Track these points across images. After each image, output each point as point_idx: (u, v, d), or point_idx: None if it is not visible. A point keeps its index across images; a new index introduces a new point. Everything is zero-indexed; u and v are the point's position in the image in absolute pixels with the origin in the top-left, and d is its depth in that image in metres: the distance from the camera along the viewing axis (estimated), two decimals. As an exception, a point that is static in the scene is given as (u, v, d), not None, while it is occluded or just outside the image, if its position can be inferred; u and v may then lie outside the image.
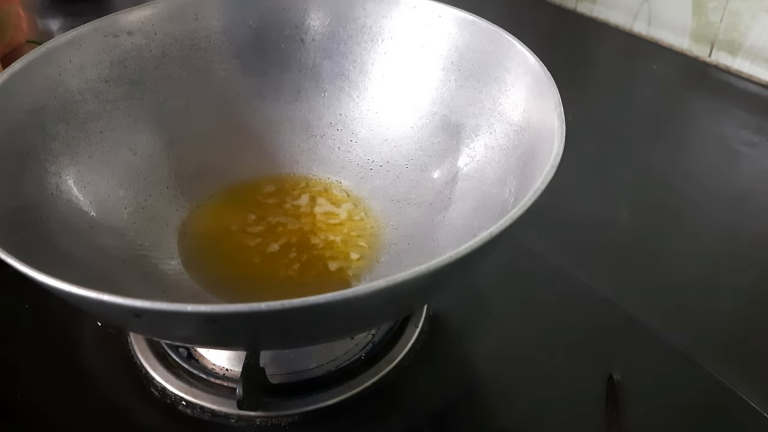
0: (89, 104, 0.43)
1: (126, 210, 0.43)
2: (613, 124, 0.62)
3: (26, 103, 0.39)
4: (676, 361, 0.41)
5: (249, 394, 0.35)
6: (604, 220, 0.51)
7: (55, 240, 0.37)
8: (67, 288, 0.27)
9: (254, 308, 0.25)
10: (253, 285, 0.42)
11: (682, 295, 0.45)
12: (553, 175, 0.31)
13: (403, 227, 0.44)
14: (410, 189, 0.46)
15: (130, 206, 0.43)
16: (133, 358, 0.40)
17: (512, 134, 0.41)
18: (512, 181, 0.39)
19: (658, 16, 0.73)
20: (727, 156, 0.58)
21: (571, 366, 0.40)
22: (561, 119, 0.35)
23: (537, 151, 0.36)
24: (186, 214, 0.46)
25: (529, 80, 0.40)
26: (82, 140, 0.42)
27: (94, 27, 0.43)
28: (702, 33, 0.69)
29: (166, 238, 0.44)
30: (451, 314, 0.43)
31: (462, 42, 0.45)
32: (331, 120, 0.49)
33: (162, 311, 0.27)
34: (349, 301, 0.26)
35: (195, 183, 0.47)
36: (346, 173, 0.49)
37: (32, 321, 0.43)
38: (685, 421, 0.38)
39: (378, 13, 0.47)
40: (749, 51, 0.66)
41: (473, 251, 0.28)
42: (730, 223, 0.51)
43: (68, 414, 0.38)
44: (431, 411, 0.39)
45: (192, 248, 0.44)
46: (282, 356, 0.39)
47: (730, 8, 0.66)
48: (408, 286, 0.27)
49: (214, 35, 0.48)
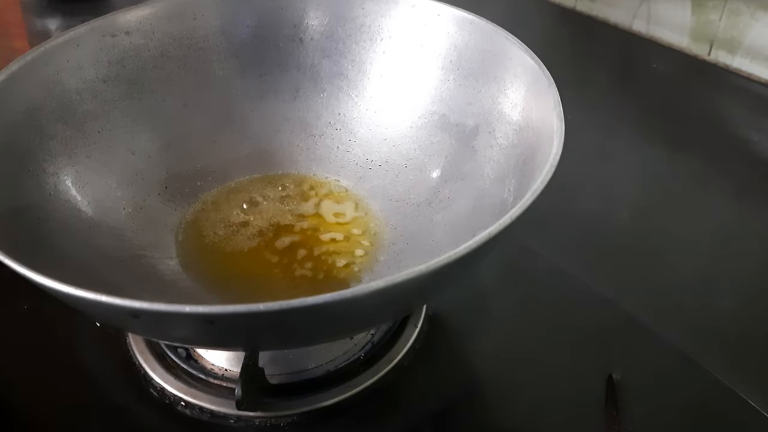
0: (87, 104, 0.43)
1: (124, 210, 0.43)
2: (612, 123, 0.62)
3: (24, 102, 0.39)
4: (675, 361, 0.40)
5: (248, 394, 0.35)
6: (604, 220, 0.51)
7: (53, 240, 0.37)
8: (64, 289, 0.27)
9: (252, 309, 0.25)
10: (252, 285, 0.42)
11: (681, 294, 0.45)
12: (553, 174, 0.31)
13: (402, 227, 0.44)
14: (409, 188, 0.46)
15: (128, 206, 0.43)
16: (131, 359, 0.40)
17: (511, 133, 0.41)
18: (511, 180, 0.39)
19: (658, 14, 0.73)
20: (727, 155, 0.58)
21: (571, 366, 0.40)
22: (560, 118, 0.35)
23: (536, 150, 0.36)
24: (184, 214, 0.45)
25: (528, 79, 0.40)
26: (80, 140, 0.42)
27: (92, 27, 0.43)
28: (701, 31, 0.69)
29: (164, 238, 0.44)
30: (450, 314, 0.43)
31: (461, 41, 0.45)
32: (329, 119, 0.49)
33: (160, 312, 0.27)
34: (348, 302, 0.26)
35: (193, 183, 0.47)
36: (345, 173, 0.48)
37: (30, 322, 0.43)
38: (685, 420, 0.38)
39: (377, 12, 0.47)
40: (749, 49, 0.66)
41: (472, 251, 0.28)
42: (730, 222, 0.51)
43: (67, 414, 0.38)
44: (431, 411, 0.38)
45: (190, 248, 0.43)
46: (281, 356, 0.39)
47: (730, 6, 0.66)
48: (407, 286, 0.27)
49: (213, 35, 0.48)
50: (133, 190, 0.44)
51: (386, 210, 0.46)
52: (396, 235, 0.44)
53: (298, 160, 0.49)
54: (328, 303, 0.26)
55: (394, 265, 0.42)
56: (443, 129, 0.46)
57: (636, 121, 0.63)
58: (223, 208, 0.46)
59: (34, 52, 0.40)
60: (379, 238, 0.44)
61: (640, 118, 0.63)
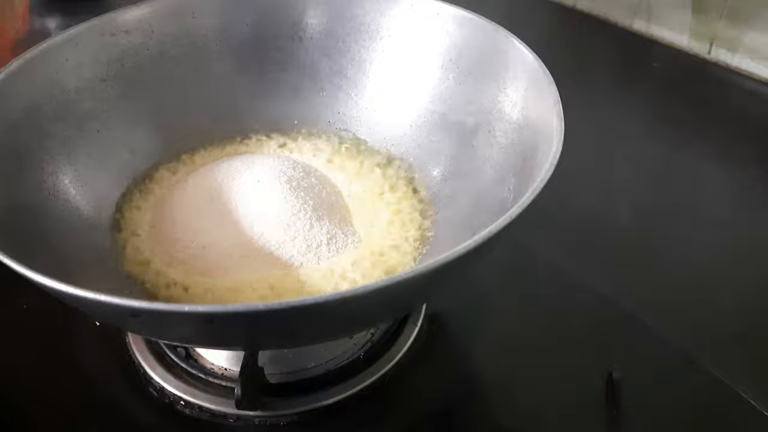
0: (86, 103, 0.43)
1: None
2: (613, 122, 0.62)
3: (23, 102, 0.39)
4: (675, 360, 0.40)
5: (247, 393, 0.35)
6: (604, 219, 0.51)
7: (52, 240, 0.37)
8: (64, 289, 0.27)
9: (252, 308, 0.25)
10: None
11: (681, 293, 0.45)
12: (552, 173, 0.31)
13: (403, 226, 0.44)
14: (409, 187, 0.46)
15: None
16: (131, 358, 0.40)
17: (511, 132, 0.41)
18: (511, 179, 0.39)
19: (658, 13, 0.72)
20: (728, 154, 0.58)
21: (571, 364, 0.40)
22: (560, 117, 0.35)
23: (536, 149, 0.36)
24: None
25: (527, 78, 0.40)
26: (79, 140, 0.42)
27: (91, 26, 0.43)
28: (702, 30, 0.69)
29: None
30: (450, 313, 0.43)
31: (460, 40, 0.45)
32: (329, 118, 0.49)
33: (159, 311, 0.27)
34: (348, 301, 0.26)
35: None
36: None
37: (30, 321, 0.43)
38: (685, 418, 0.38)
39: (376, 11, 0.47)
40: (749, 48, 0.66)
41: (472, 250, 0.28)
42: (730, 221, 0.51)
43: (67, 414, 0.38)
44: (430, 410, 0.38)
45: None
46: (281, 355, 0.39)
47: (730, 5, 0.66)
48: (407, 286, 0.27)
49: (212, 33, 0.48)
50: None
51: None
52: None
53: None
54: (328, 302, 0.26)
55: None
56: (443, 128, 0.46)
57: (636, 120, 0.62)
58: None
59: (33, 51, 0.40)
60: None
61: (640, 117, 0.63)
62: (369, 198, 0.44)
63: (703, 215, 0.52)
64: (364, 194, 0.45)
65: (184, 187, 0.43)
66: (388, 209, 0.43)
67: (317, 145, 0.48)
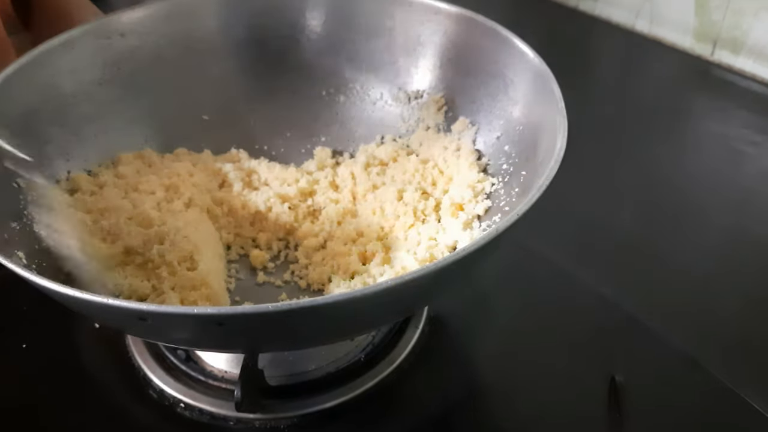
0: (83, 107, 0.43)
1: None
2: (615, 124, 0.62)
3: (19, 106, 0.39)
4: (678, 363, 0.40)
5: (247, 396, 0.34)
6: (606, 221, 0.51)
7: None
8: (70, 293, 0.27)
9: (261, 309, 0.26)
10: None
11: (684, 296, 0.45)
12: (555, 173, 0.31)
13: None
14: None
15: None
16: (131, 360, 0.40)
17: (513, 131, 0.41)
18: (514, 178, 0.39)
19: (661, 14, 0.72)
20: (730, 155, 0.58)
21: (573, 368, 0.40)
22: (563, 116, 0.34)
23: (538, 148, 0.36)
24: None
25: (529, 77, 0.40)
26: (77, 143, 0.42)
27: (87, 29, 0.43)
28: (704, 31, 0.69)
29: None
30: (451, 315, 0.43)
31: (460, 39, 0.44)
32: (328, 120, 0.49)
33: (169, 314, 0.26)
34: (356, 301, 0.26)
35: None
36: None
37: (30, 324, 0.42)
38: (688, 422, 0.37)
39: (374, 11, 0.47)
40: (752, 49, 0.65)
41: (474, 251, 0.28)
42: (732, 223, 0.51)
43: (67, 416, 0.38)
44: (432, 413, 0.38)
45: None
46: (281, 358, 0.39)
47: (733, 6, 0.65)
48: (411, 287, 0.27)
49: (210, 35, 0.47)
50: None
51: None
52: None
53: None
54: (336, 302, 0.26)
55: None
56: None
57: (638, 122, 0.62)
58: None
59: (29, 55, 0.40)
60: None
61: (642, 119, 0.63)
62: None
63: (707, 217, 0.51)
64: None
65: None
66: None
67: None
